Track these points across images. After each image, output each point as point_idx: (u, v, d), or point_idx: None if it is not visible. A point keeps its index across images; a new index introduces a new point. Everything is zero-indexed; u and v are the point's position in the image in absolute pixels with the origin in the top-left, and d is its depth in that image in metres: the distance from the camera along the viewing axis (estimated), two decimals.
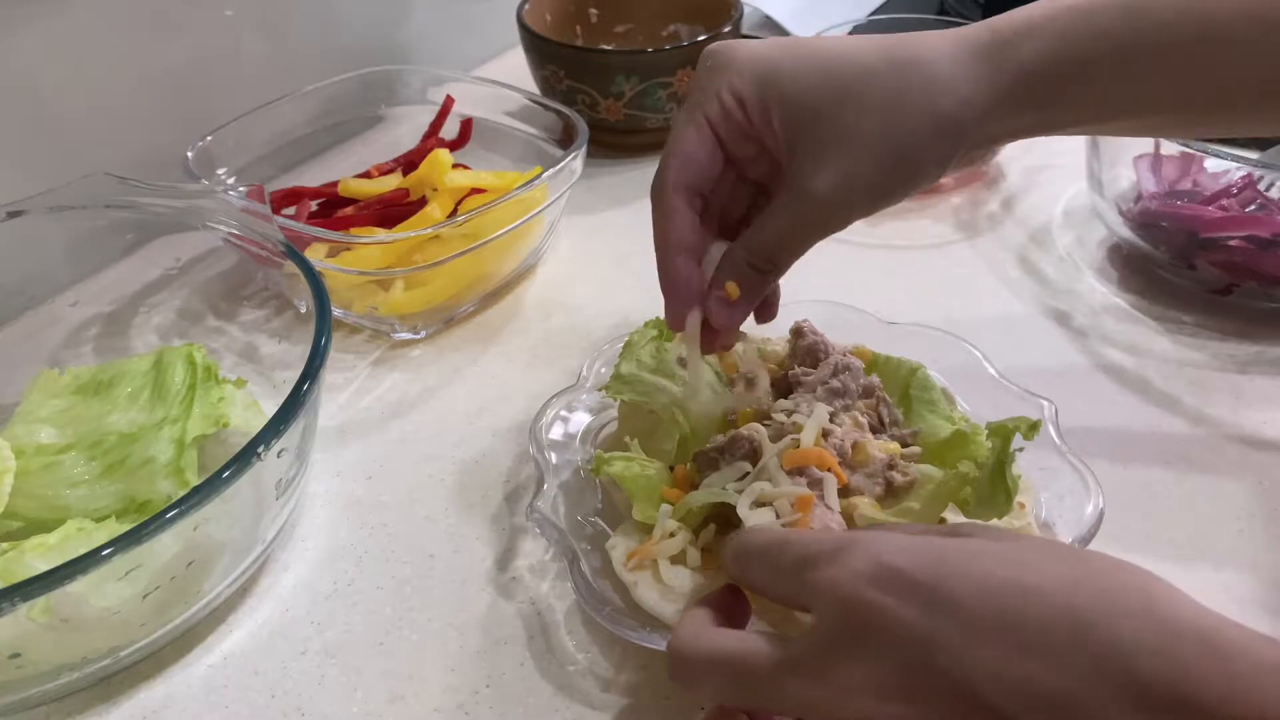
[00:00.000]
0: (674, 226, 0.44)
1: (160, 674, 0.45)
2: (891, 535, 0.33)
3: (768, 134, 0.42)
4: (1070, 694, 0.26)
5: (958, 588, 0.29)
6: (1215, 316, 0.66)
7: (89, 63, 0.66)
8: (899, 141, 0.40)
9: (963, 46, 0.41)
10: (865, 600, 0.30)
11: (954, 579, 0.29)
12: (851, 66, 0.40)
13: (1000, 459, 0.45)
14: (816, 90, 0.40)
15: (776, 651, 0.32)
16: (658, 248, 0.45)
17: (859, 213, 0.42)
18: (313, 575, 0.50)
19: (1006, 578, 0.29)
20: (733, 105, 0.42)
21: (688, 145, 0.43)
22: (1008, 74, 0.40)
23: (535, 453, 0.50)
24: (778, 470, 0.45)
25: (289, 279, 0.56)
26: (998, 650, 0.28)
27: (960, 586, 0.29)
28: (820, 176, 0.41)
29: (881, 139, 0.40)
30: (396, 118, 0.80)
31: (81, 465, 0.49)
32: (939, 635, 0.28)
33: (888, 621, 0.29)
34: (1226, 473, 0.55)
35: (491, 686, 0.45)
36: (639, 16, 0.92)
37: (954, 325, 0.58)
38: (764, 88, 0.41)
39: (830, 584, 0.31)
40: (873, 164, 0.40)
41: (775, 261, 0.44)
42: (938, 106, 0.40)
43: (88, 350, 0.61)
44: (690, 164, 0.43)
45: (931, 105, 0.40)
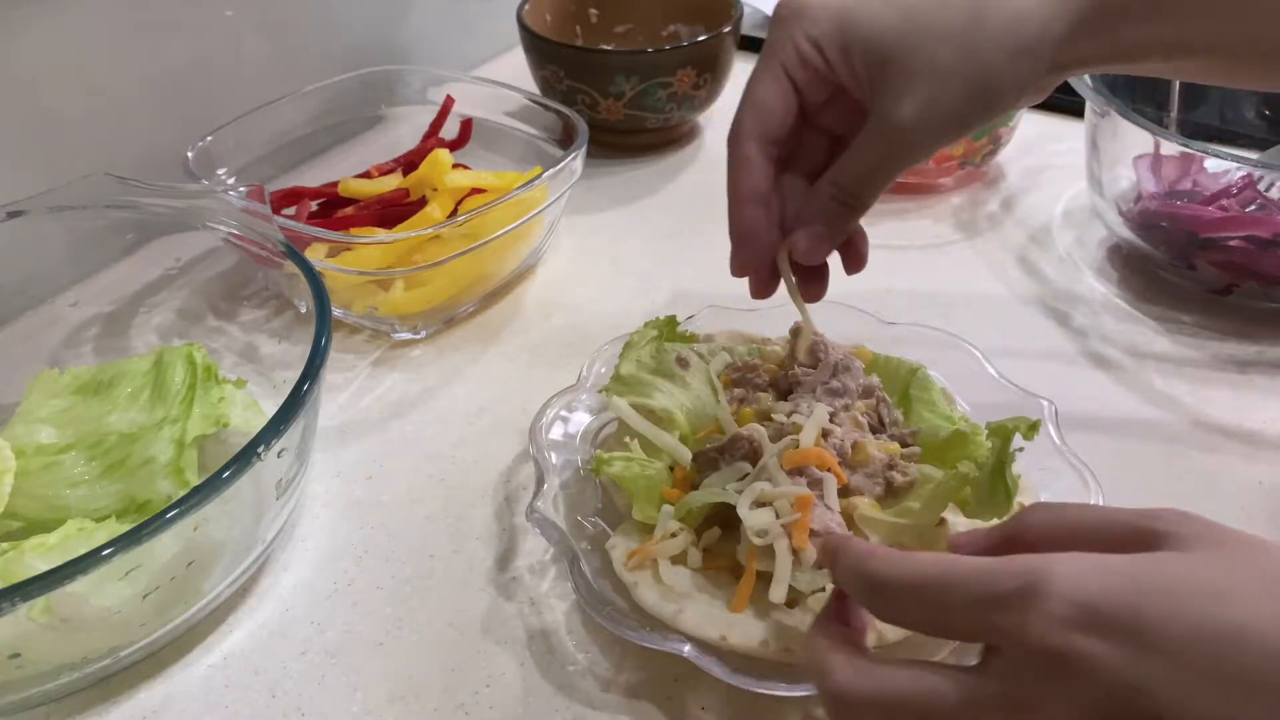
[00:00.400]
0: (745, 175, 0.45)
1: (160, 674, 0.45)
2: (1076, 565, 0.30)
3: (848, 76, 0.44)
4: None
5: (1164, 628, 0.27)
6: (1215, 316, 0.66)
7: (89, 63, 0.66)
8: (978, 67, 0.41)
9: None
10: (1070, 648, 0.28)
11: (1158, 618, 0.28)
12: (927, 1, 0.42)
13: (1000, 459, 0.45)
14: (895, 27, 0.42)
15: (960, 690, 0.30)
16: (730, 195, 0.46)
17: (941, 139, 0.43)
18: (313, 575, 0.50)
19: (1213, 614, 0.28)
20: (809, 51, 0.43)
21: (762, 93, 0.45)
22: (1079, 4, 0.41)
23: (535, 453, 0.50)
24: (778, 470, 0.45)
25: (289, 279, 0.56)
26: (1213, 694, 0.27)
27: (1166, 627, 0.28)
28: (903, 106, 0.42)
29: (961, 65, 0.41)
30: (396, 118, 0.80)
31: (81, 465, 0.49)
32: (1149, 680, 0.27)
33: (1094, 667, 0.28)
34: (1226, 473, 0.55)
35: (491, 686, 0.45)
36: (639, 16, 0.92)
37: (954, 325, 0.58)
38: (842, 31, 0.43)
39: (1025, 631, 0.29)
40: (954, 90, 0.41)
41: (859, 194, 0.45)
42: (1014, 31, 0.41)
43: (88, 350, 0.61)
44: (764, 112, 0.45)
45: (1008, 30, 0.41)
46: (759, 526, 0.43)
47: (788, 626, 0.42)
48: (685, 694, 0.44)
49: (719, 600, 0.44)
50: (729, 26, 0.81)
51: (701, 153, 0.86)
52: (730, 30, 0.81)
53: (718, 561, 0.46)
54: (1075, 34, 0.42)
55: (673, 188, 0.82)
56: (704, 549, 0.46)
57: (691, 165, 0.84)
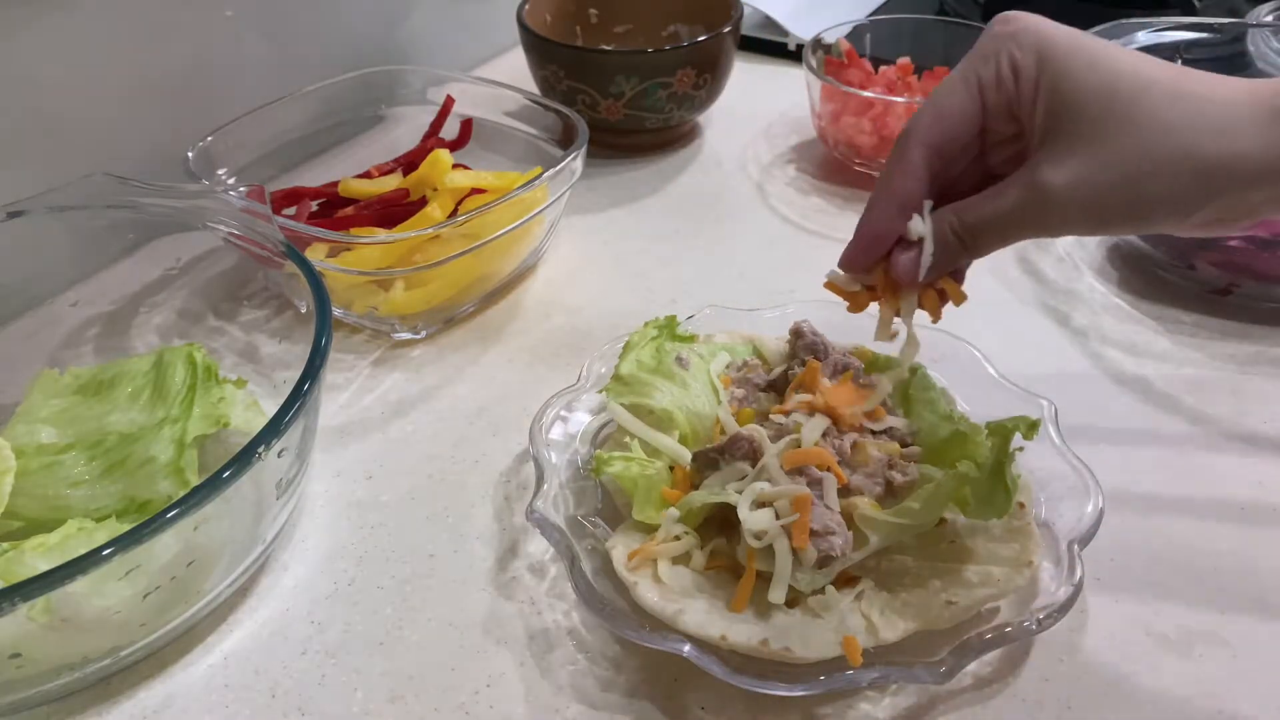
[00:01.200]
0: (901, 176, 0.43)
1: (160, 674, 0.45)
2: None
3: (1027, 116, 0.41)
4: None
5: None
6: (1215, 316, 0.66)
7: (89, 63, 0.66)
8: (1149, 167, 0.38)
9: (1258, 98, 0.38)
10: None
11: None
12: (1131, 78, 0.39)
13: (1000, 459, 0.45)
14: (1089, 90, 0.39)
15: None
16: (877, 188, 0.44)
17: (1077, 223, 0.40)
18: (313, 575, 0.50)
19: None
20: (1008, 75, 0.41)
21: (950, 101, 0.42)
22: None
23: (535, 453, 0.50)
24: (778, 470, 0.45)
25: (289, 279, 0.56)
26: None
27: None
28: (1057, 172, 0.39)
29: (1132, 156, 0.38)
30: (396, 118, 0.80)
31: (82, 465, 0.49)
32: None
33: None
34: (1226, 473, 0.55)
35: (491, 686, 0.45)
36: (639, 16, 0.92)
37: (954, 325, 0.58)
38: (1041, 67, 0.40)
39: None
40: (1112, 178, 0.38)
41: (977, 238, 0.43)
42: (1206, 147, 0.37)
43: (88, 350, 0.61)
44: (945, 121, 0.42)
45: (1199, 143, 0.37)
46: (757, 528, 0.43)
47: (788, 626, 0.42)
48: (685, 694, 0.44)
49: (719, 600, 0.44)
50: (729, 26, 0.81)
51: (701, 153, 0.86)
52: (730, 30, 0.81)
53: (718, 561, 0.46)
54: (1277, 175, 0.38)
55: (673, 188, 0.82)
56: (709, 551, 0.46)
57: (691, 165, 0.84)
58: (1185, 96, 0.38)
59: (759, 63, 0.99)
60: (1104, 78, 0.39)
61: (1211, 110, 0.38)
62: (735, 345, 0.57)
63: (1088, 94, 0.39)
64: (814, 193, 0.80)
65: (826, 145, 0.83)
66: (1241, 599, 0.48)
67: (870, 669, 0.40)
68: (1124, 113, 0.38)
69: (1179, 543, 0.51)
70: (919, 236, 0.44)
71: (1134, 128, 0.38)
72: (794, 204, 0.79)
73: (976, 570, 0.45)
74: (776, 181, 0.82)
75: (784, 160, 0.85)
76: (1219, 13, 0.95)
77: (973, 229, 0.42)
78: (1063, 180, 0.39)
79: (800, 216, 0.77)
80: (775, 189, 0.81)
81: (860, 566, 0.45)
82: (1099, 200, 0.39)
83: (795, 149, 0.86)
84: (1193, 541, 0.51)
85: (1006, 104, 0.41)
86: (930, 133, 0.42)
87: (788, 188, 0.81)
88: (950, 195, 0.44)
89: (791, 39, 0.99)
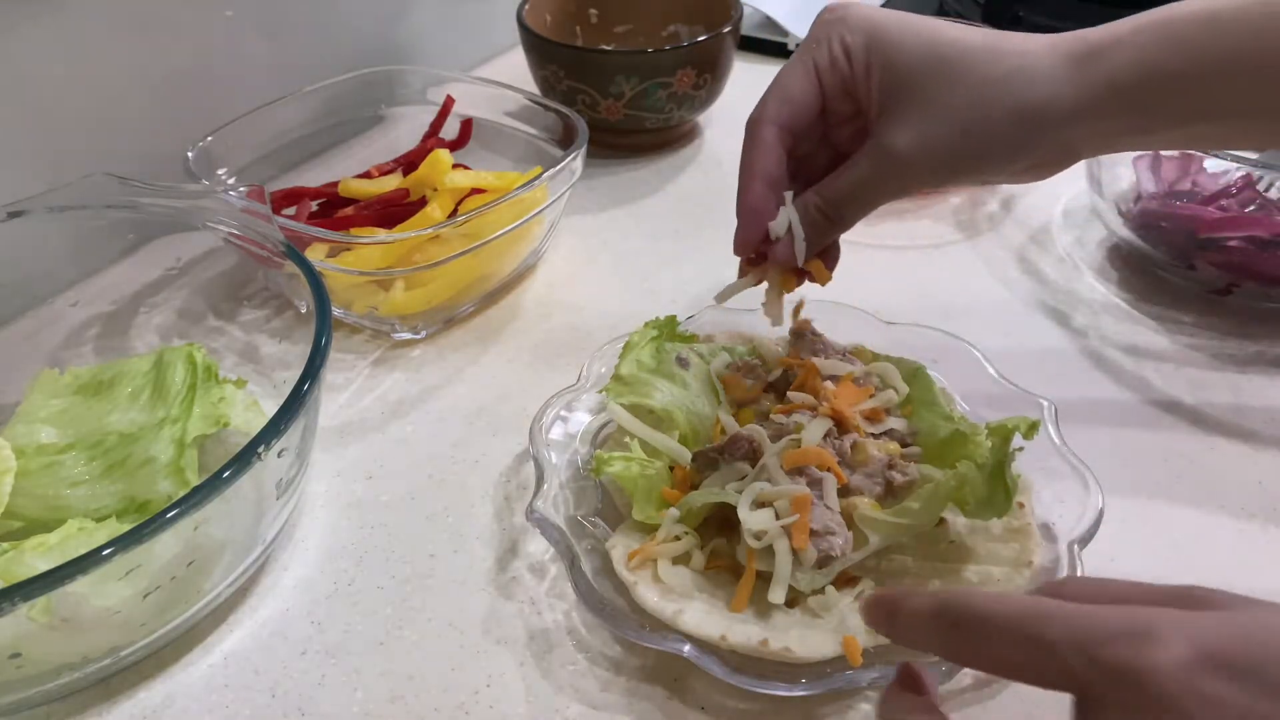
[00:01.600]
0: (760, 156, 0.47)
1: (160, 674, 0.45)
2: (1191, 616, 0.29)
3: (864, 92, 0.46)
4: None
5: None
6: (1215, 316, 0.66)
7: (89, 63, 0.66)
8: (978, 116, 0.43)
9: (1058, 50, 0.44)
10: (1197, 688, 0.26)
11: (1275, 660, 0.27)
12: (953, 45, 0.44)
13: (1000, 459, 0.45)
14: (917, 60, 0.44)
15: None
16: (741, 173, 0.48)
17: (928, 177, 0.45)
18: (313, 575, 0.50)
19: None
20: (840, 56, 0.45)
21: (791, 84, 0.47)
22: (1092, 81, 0.43)
23: (535, 453, 0.50)
24: (778, 470, 0.45)
25: (289, 279, 0.56)
26: None
27: None
28: (900, 135, 0.44)
29: (962, 110, 0.43)
30: (396, 118, 0.80)
31: (82, 465, 0.49)
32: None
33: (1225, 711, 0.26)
34: (1226, 473, 0.55)
35: (492, 686, 0.45)
36: (639, 16, 0.92)
37: (954, 325, 0.58)
38: (870, 48, 0.45)
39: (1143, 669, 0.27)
40: (949, 131, 0.43)
41: (842, 212, 0.47)
42: (1023, 94, 0.43)
43: (88, 350, 0.61)
44: (789, 102, 0.47)
45: (1016, 91, 0.43)
46: (757, 528, 0.43)
47: (788, 626, 0.42)
48: (685, 694, 0.44)
49: (719, 600, 0.44)
50: (729, 26, 0.81)
51: (701, 153, 0.86)
52: (730, 30, 0.81)
53: (718, 561, 0.46)
54: (1087, 113, 0.43)
55: (673, 188, 0.82)
56: (709, 551, 0.46)
57: (691, 165, 0.84)
58: (1001, 54, 0.43)
59: (759, 63, 0.99)
60: (930, 48, 0.44)
61: (1023, 63, 0.43)
62: (735, 345, 0.57)
63: (917, 63, 0.44)
64: None
65: None
66: None
67: (870, 669, 0.40)
68: (951, 75, 0.43)
69: (1179, 543, 0.51)
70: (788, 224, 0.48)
71: (962, 86, 0.43)
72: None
73: (976, 570, 0.45)
74: None
75: None
76: None
77: (835, 203, 0.47)
78: (905, 141, 0.44)
79: None
80: None
81: (860, 566, 0.45)
82: (940, 153, 0.44)
83: None
84: (1193, 541, 0.51)
85: (841, 83, 0.46)
86: (779, 114, 0.47)
87: None
88: (805, 178, 0.49)
89: (791, 39, 0.99)
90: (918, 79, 0.44)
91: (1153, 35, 0.43)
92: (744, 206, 0.48)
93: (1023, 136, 0.44)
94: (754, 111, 0.48)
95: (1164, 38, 0.43)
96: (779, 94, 0.47)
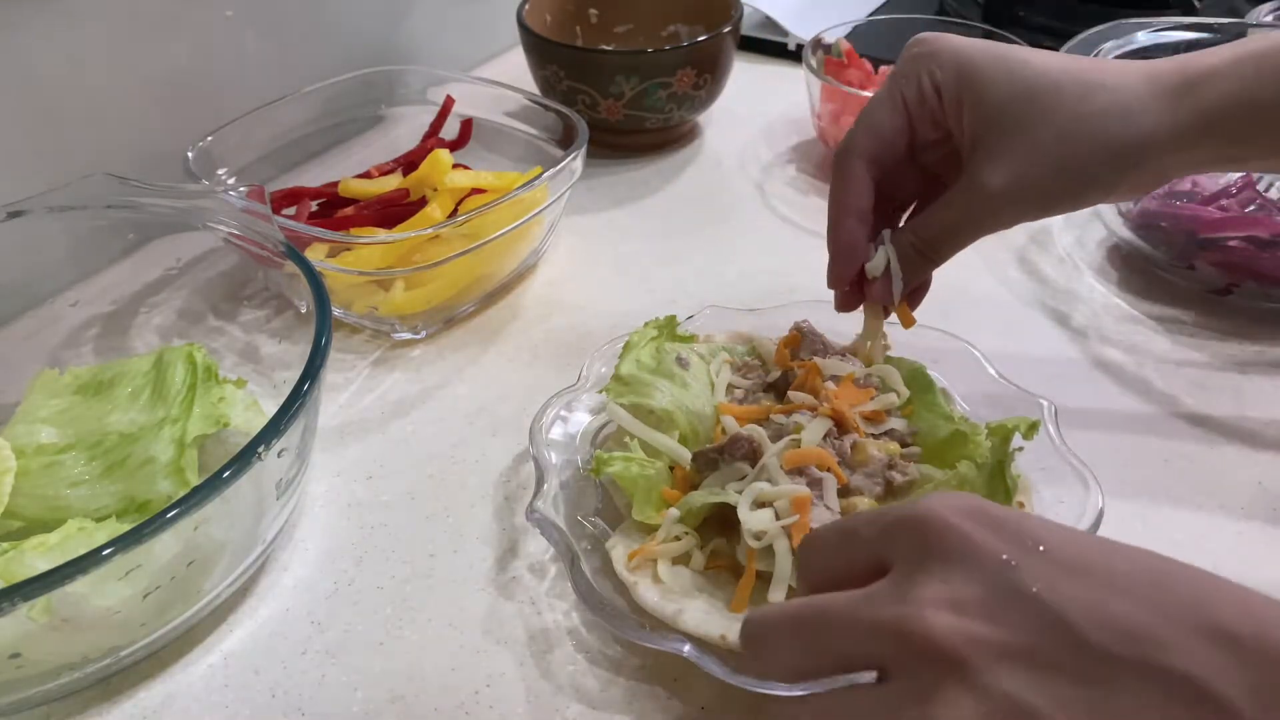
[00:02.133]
0: (851, 190, 0.48)
1: (160, 674, 0.45)
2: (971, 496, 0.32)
3: (955, 127, 0.46)
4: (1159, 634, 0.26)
5: (1044, 532, 0.29)
6: (1215, 316, 0.66)
7: (89, 63, 0.66)
8: (1072, 153, 0.43)
9: (1153, 82, 0.44)
10: (952, 524, 0.29)
11: (1039, 526, 0.30)
12: (1043, 80, 0.44)
13: (1000, 459, 0.45)
14: (1008, 95, 0.44)
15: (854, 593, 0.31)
16: (831, 206, 0.49)
17: (1023, 214, 0.45)
18: (313, 575, 0.50)
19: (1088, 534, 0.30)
20: (930, 92, 0.46)
21: (880, 117, 0.47)
22: (1188, 113, 0.43)
23: (535, 453, 0.50)
24: (778, 470, 0.45)
25: (289, 279, 0.56)
26: (1086, 586, 0.28)
27: (1046, 532, 0.29)
28: (995, 174, 0.44)
29: (1055, 147, 0.43)
30: (396, 118, 0.80)
31: (82, 465, 0.49)
32: (1027, 564, 0.28)
33: (975, 546, 0.29)
34: (1226, 473, 0.55)
35: (491, 686, 0.45)
36: (639, 16, 0.92)
37: (954, 325, 0.58)
38: (961, 83, 0.45)
39: (913, 516, 0.30)
40: (1044, 170, 0.44)
41: (937, 248, 0.47)
42: (1118, 132, 0.43)
43: (88, 350, 0.61)
44: (878, 135, 0.47)
45: (1112, 129, 0.43)
46: (757, 528, 0.43)
47: None
48: (685, 694, 0.44)
49: (719, 600, 0.44)
50: (729, 26, 0.81)
51: (701, 153, 0.86)
52: (730, 30, 0.81)
53: (718, 561, 0.46)
54: (1183, 144, 0.43)
55: (673, 188, 0.82)
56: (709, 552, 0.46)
57: (691, 165, 0.84)
58: (1094, 88, 0.44)
59: (759, 63, 0.99)
60: (1020, 84, 0.44)
61: (1117, 99, 0.43)
62: (735, 345, 0.57)
63: (1008, 100, 0.44)
64: (814, 193, 0.80)
65: (826, 145, 0.83)
66: None
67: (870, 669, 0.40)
68: (1042, 111, 0.43)
69: (1179, 543, 0.51)
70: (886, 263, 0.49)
71: (1055, 123, 0.43)
72: (794, 204, 0.79)
73: None
74: (776, 181, 0.82)
75: (784, 160, 0.85)
76: (1219, 13, 0.95)
77: (931, 241, 0.47)
78: (1000, 179, 0.44)
79: (800, 216, 0.77)
80: (775, 189, 0.81)
81: None
82: (1034, 191, 0.44)
83: (795, 149, 0.86)
84: (1193, 541, 0.51)
85: (930, 116, 0.47)
86: (868, 148, 0.47)
87: (787, 188, 0.81)
88: (891, 200, 0.50)
89: (791, 39, 0.99)
90: (1010, 115, 0.44)
91: (1252, 67, 0.43)
92: (837, 244, 0.49)
93: (1117, 174, 0.44)
94: (842, 143, 0.48)
95: (1262, 69, 0.43)
96: (868, 128, 0.47)
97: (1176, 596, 0.27)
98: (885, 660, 0.29)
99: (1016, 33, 0.79)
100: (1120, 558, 0.29)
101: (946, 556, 0.29)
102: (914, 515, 0.30)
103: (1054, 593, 0.27)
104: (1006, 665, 0.27)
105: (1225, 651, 0.26)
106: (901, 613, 0.28)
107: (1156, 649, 0.26)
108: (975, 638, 0.27)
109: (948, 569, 0.29)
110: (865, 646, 0.29)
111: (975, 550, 0.29)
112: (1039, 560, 0.28)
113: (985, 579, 0.28)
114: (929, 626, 0.27)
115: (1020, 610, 0.27)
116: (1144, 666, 0.26)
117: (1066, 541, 0.29)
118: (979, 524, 0.29)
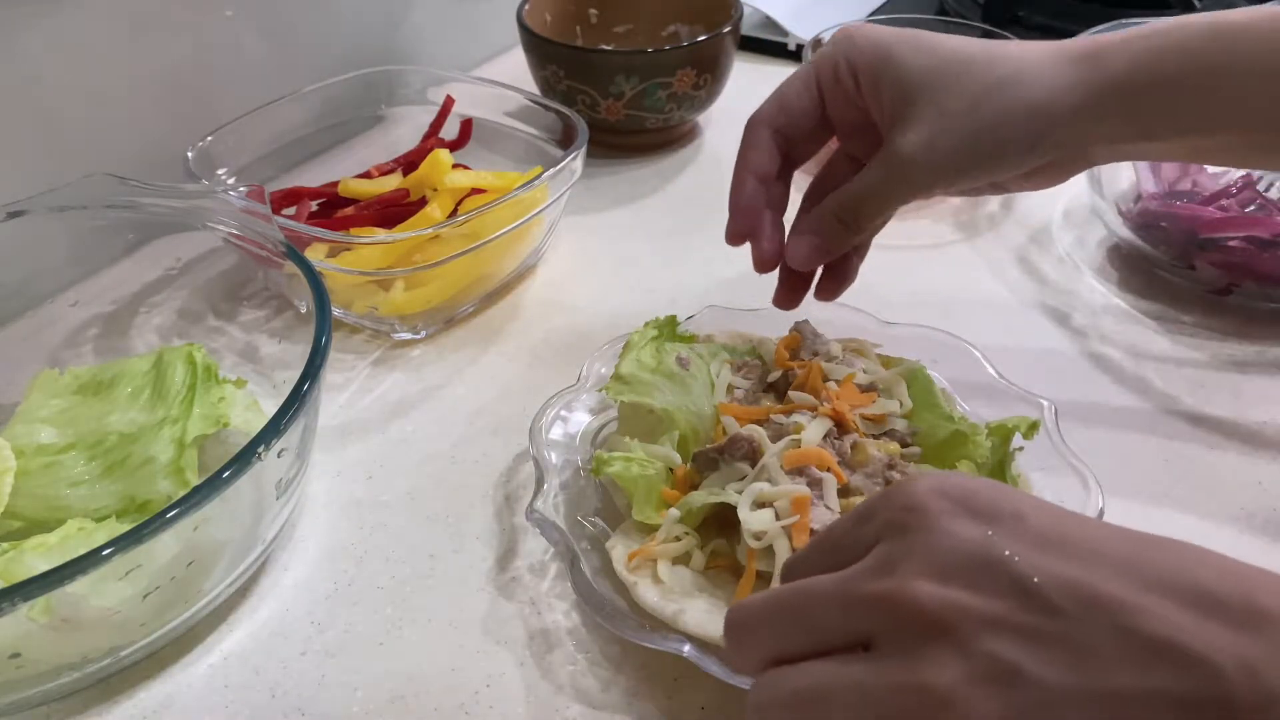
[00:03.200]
0: (753, 153, 0.51)
1: (160, 674, 0.45)
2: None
3: (874, 106, 0.48)
4: (1133, 600, 0.27)
5: (1022, 505, 0.30)
6: (1215, 316, 0.66)
7: (89, 63, 0.66)
8: (985, 118, 0.45)
9: (1060, 52, 0.46)
10: (932, 500, 0.30)
11: (1018, 498, 0.31)
12: (957, 55, 0.46)
13: (1000, 459, 0.45)
14: (923, 73, 0.46)
15: (837, 574, 0.31)
16: (735, 168, 0.51)
17: (938, 179, 0.47)
18: (313, 575, 0.50)
19: (1065, 509, 0.31)
20: (845, 73, 0.48)
21: (789, 91, 0.50)
22: (1094, 79, 0.45)
23: (535, 453, 0.50)
24: (778, 470, 0.45)
25: (289, 279, 0.56)
26: (1060, 554, 0.28)
27: (1024, 504, 0.30)
28: (908, 141, 0.46)
29: (969, 114, 0.45)
30: (396, 118, 0.80)
31: (82, 465, 0.49)
32: (1003, 534, 0.29)
33: (955, 519, 0.30)
34: (1226, 472, 0.55)
35: (491, 686, 0.45)
36: (639, 16, 0.92)
37: (954, 325, 0.58)
38: (879, 65, 0.47)
39: (891, 500, 0.31)
40: (955, 137, 0.45)
41: (857, 215, 0.49)
42: (1021, 94, 0.45)
43: (88, 350, 0.61)
44: (785, 108, 0.50)
45: (1020, 92, 0.45)
46: (757, 528, 0.43)
47: None
48: (685, 694, 0.44)
49: (719, 600, 0.44)
50: (729, 26, 0.81)
51: (701, 153, 0.86)
52: (730, 30, 0.81)
53: (718, 561, 0.46)
54: (1090, 112, 0.45)
55: (673, 188, 0.82)
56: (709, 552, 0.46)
57: (691, 165, 0.84)
58: (1000, 59, 0.45)
59: (759, 63, 0.99)
60: (935, 59, 0.46)
61: (1021, 66, 0.45)
62: (735, 345, 0.57)
63: (922, 74, 0.46)
64: None
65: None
66: None
67: None
68: (954, 80, 0.45)
69: None
70: None
71: (964, 91, 0.45)
72: (793, 204, 0.79)
73: None
74: None
75: None
76: None
77: (850, 208, 0.49)
78: (913, 145, 0.46)
79: None
80: None
81: None
82: (948, 156, 0.46)
83: None
84: (1193, 541, 0.51)
85: (844, 95, 0.49)
86: (774, 117, 0.50)
87: None
88: (832, 187, 0.51)
89: (791, 39, 0.99)
90: (925, 88, 0.46)
91: (1157, 40, 0.45)
92: (735, 202, 0.51)
93: (1027, 140, 0.45)
94: (753, 114, 0.51)
95: (1167, 43, 0.44)
96: (776, 99, 0.50)
97: (1155, 565, 0.28)
98: (872, 632, 0.30)
99: (1016, 32, 0.79)
100: (1098, 530, 0.30)
101: (929, 530, 0.30)
102: (894, 494, 0.31)
103: (1025, 561, 0.28)
104: (990, 629, 0.28)
105: (1209, 615, 0.26)
106: (887, 585, 0.29)
107: (1128, 614, 0.27)
108: (959, 604, 0.28)
109: (929, 543, 0.30)
110: (850, 623, 0.30)
111: (954, 522, 0.30)
112: (1016, 530, 0.29)
113: (966, 549, 0.29)
114: (915, 595, 0.28)
115: (994, 577, 0.28)
116: (1118, 631, 0.27)
117: (1043, 514, 0.30)
118: (957, 499, 0.30)
